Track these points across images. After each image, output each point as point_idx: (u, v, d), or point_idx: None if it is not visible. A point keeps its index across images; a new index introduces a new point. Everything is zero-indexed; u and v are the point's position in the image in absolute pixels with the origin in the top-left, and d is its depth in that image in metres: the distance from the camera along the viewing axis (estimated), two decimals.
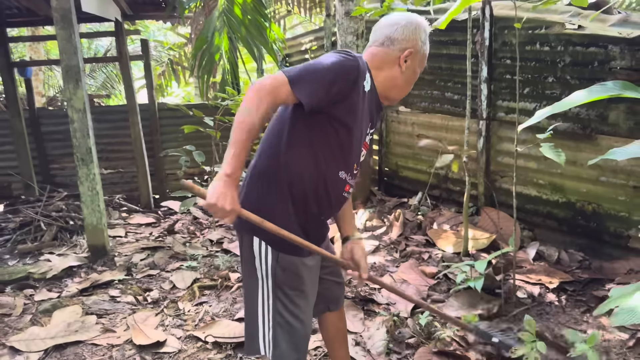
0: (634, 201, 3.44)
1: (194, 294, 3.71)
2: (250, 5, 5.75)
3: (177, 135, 7.05)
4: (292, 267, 1.79)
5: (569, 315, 3.11)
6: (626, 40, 3.18)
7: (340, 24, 4.56)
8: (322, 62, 1.65)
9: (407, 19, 1.84)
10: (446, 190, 4.75)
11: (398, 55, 1.81)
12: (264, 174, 1.79)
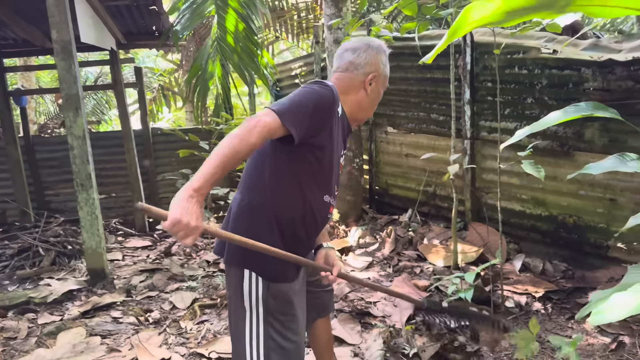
0: (611, 213, 3.66)
1: (195, 313, 3.82)
2: (242, 33, 5.97)
3: (170, 159, 7.21)
4: (282, 295, 1.82)
5: (555, 322, 3.29)
6: (597, 63, 3.43)
7: (330, 51, 4.79)
8: (304, 95, 1.71)
9: (368, 44, 1.95)
10: (435, 206, 4.95)
11: (363, 80, 1.91)
12: (250, 208, 1.81)
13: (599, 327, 3.14)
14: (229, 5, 5.87)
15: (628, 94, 3.32)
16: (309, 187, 1.81)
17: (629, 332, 3.07)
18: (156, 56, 12.86)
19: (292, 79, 6.79)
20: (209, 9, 5.77)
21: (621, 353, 2.86)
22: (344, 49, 1.99)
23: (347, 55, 1.96)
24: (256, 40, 6.15)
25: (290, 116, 1.63)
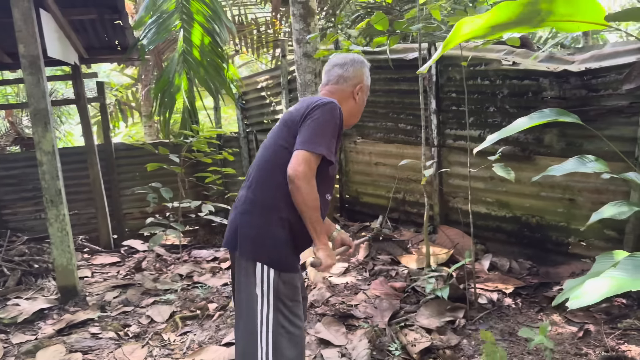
0: (571, 212, 3.94)
1: (176, 325, 3.83)
2: (207, 47, 6.04)
3: (134, 174, 7.14)
4: (291, 280, 2.04)
5: (526, 316, 3.51)
6: (554, 73, 3.72)
7: (299, 64, 4.92)
8: (327, 120, 2.02)
9: (353, 59, 2.25)
10: (404, 212, 5.14)
11: (352, 90, 2.21)
12: (263, 204, 2.04)
13: (566, 318, 3.39)
14: (195, 19, 5.93)
15: (582, 101, 3.62)
16: (318, 185, 2.01)
17: (592, 320, 3.33)
18: (110, 70, 12.65)
19: (257, 92, 6.88)
20: (174, 23, 5.80)
21: (588, 340, 3.10)
22: (332, 65, 2.27)
23: (336, 69, 2.24)
24: (222, 54, 6.23)
25: (327, 151, 1.98)
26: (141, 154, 7.04)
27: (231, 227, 2.12)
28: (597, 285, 1.97)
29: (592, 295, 1.96)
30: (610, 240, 3.74)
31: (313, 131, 1.97)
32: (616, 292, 1.88)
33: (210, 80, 6.13)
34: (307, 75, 4.97)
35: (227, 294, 4.50)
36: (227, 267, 5.45)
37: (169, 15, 5.71)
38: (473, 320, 3.43)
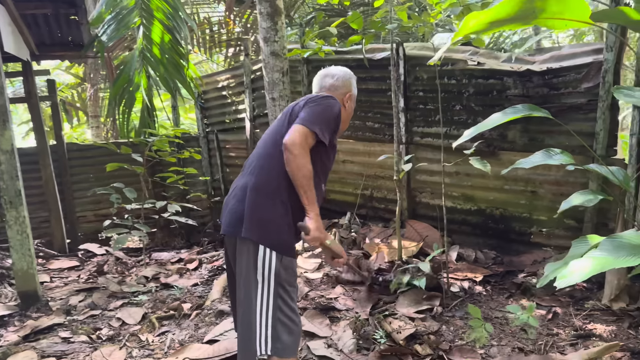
0: (533, 203, 4.19)
1: (153, 325, 3.75)
2: (167, 45, 5.94)
3: (87, 175, 6.88)
4: (291, 265, 2.15)
5: (497, 301, 3.70)
6: (517, 73, 3.96)
7: (267, 62, 4.93)
8: (328, 109, 2.19)
9: (343, 71, 2.47)
10: (372, 208, 5.26)
11: (342, 98, 2.39)
12: (266, 190, 2.13)
13: (535, 302, 3.60)
14: (155, 16, 5.82)
15: (544, 99, 3.87)
16: (317, 177, 2.17)
17: (559, 303, 3.56)
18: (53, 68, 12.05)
19: (218, 91, 6.82)
20: (134, 20, 5.67)
21: (557, 321, 3.31)
22: (323, 75, 2.48)
23: (328, 79, 2.44)
24: (182, 52, 6.14)
25: (325, 133, 2.13)
26: (95, 155, 6.81)
27: (232, 212, 2.18)
28: (581, 265, 2.14)
29: (578, 274, 2.12)
30: (569, 229, 4.02)
31: (312, 113, 2.14)
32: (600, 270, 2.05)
33: (170, 79, 6.03)
34: (275, 74, 4.98)
35: (199, 294, 4.45)
36: (194, 268, 5.38)
37: (129, 12, 5.57)
38: (449, 307, 3.58)
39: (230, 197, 2.26)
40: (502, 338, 3.13)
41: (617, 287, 3.41)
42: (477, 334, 2.92)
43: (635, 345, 2.86)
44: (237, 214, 2.15)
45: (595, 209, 3.78)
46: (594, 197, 2.97)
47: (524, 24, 2.07)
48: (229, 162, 6.95)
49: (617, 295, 3.39)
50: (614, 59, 3.47)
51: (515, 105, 3.10)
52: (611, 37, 3.44)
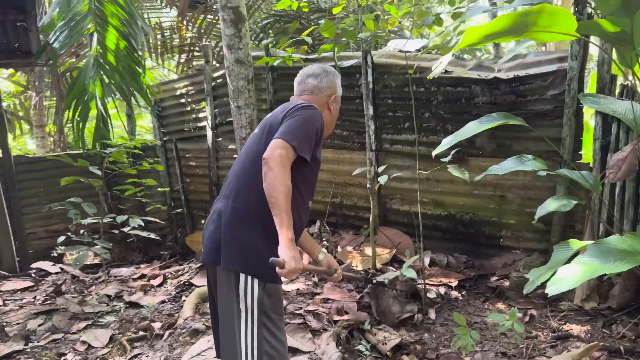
0: (501, 207, 4.29)
1: (124, 348, 3.57)
2: (123, 52, 5.70)
3: (37, 190, 6.50)
4: (275, 292, 2.02)
5: (474, 306, 3.76)
6: (485, 80, 4.04)
7: (231, 70, 4.82)
8: (307, 122, 1.98)
9: (326, 70, 2.27)
10: (342, 216, 5.24)
11: (326, 101, 2.22)
12: (244, 216, 1.98)
13: (510, 305, 3.68)
14: (109, 22, 5.57)
15: (512, 106, 3.97)
16: (299, 195, 2.03)
17: (533, 306, 3.65)
18: None
19: (176, 99, 6.61)
20: (88, 26, 5.40)
21: (534, 323, 3.40)
22: (305, 75, 2.27)
23: (311, 80, 2.24)
24: (138, 59, 5.91)
25: (305, 148, 1.93)
26: (46, 168, 6.45)
27: (211, 240, 2.04)
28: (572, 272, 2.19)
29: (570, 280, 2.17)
30: (538, 232, 4.14)
31: (291, 125, 1.95)
32: (591, 276, 2.11)
33: (126, 87, 5.79)
34: (240, 81, 4.88)
35: (168, 312, 4.29)
36: (158, 285, 5.18)
37: (82, 18, 5.30)
38: (428, 314, 3.60)
39: (209, 221, 2.11)
40: (484, 343, 3.17)
41: (587, 287, 3.53)
42: (462, 341, 2.93)
43: (611, 343, 2.97)
44: (215, 242, 2.00)
45: (563, 212, 3.90)
46: (568, 203, 3.06)
47: (516, 37, 2.10)
48: (190, 172, 6.75)
49: (588, 295, 3.51)
50: (578, 67, 3.60)
51: (491, 114, 3.16)
52: (575, 46, 3.58)
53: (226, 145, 6.13)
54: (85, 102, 5.45)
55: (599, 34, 2.34)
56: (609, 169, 3.10)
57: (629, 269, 3.33)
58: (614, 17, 2.15)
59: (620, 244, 2.23)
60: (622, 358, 2.82)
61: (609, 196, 3.49)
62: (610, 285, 3.51)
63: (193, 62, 10.21)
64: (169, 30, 9.62)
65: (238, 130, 4.92)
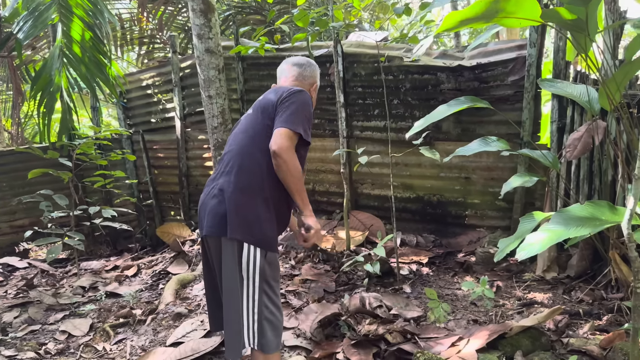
0: (466, 188, 4.54)
1: (107, 334, 3.61)
2: (89, 43, 5.64)
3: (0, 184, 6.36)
4: (275, 261, 2.18)
5: (444, 280, 3.98)
6: (450, 68, 4.26)
7: (202, 60, 4.87)
8: (303, 107, 2.20)
9: (309, 61, 2.51)
10: (314, 202, 5.38)
11: (309, 89, 2.43)
12: (247, 189, 2.14)
13: (478, 277, 3.92)
14: (74, 13, 5.51)
15: (475, 92, 4.20)
16: None
17: (499, 278, 3.91)
18: None
19: (142, 90, 6.57)
20: (52, 16, 5.32)
21: (501, 294, 3.64)
22: (290, 64, 2.49)
23: (296, 68, 2.46)
24: (104, 50, 5.86)
25: (306, 131, 2.18)
26: (8, 162, 6.31)
27: (214, 213, 2.16)
28: (538, 238, 2.41)
29: (537, 245, 2.38)
30: (501, 209, 4.40)
31: (292, 112, 2.14)
32: (556, 241, 2.33)
33: (92, 78, 5.74)
34: (211, 71, 4.94)
35: (147, 300, 4.33)
36: (133, 275, 5.19)
37: (46, 8, 5.22)
38: (403, 289, 3.80)
39: (208, 197, 2.24)
40: (456, 313, 3.39)
41: (548, 259, 3.81)
42: (436, 313, 3.14)
43: (571, 308, 3.24)
44: (218, 214, 2.13)
45: (524, 190, 4.18)
46: (530, 179, 3.31)
47: (486, 22, 2.29)
48: (157, 163, 6.74)
49: (549, 266, 3.79)
50: (536, 54, 3.87)
51: (458, 98, 3.38)
52: (533, 34, 3.83)
53: (196, 136, 6.16)
54: (51, 93, 5.37)
55: (558, 21, 2.56)
56: (565, 148, 3.37)
57: (585, 240, 3.65)
58: (571, 6, 2.37)
59: (580, 211, 2.45)
60: (581, 319, 3.08)
61: (566, 174, 3.77)
62: (569, 257, 3.80)
63: (154, 54, 10.11)
64: (129, 22, 9.49)
65: (210, 120, 4.98)
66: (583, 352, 2.61)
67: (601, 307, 3.18)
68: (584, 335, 2.85)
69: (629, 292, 3.08)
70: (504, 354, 2.67)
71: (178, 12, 9.49)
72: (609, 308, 3.12)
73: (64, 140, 5.27)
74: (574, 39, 2.78)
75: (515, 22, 2.35)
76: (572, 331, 2.94)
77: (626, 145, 3.19)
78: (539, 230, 2.43)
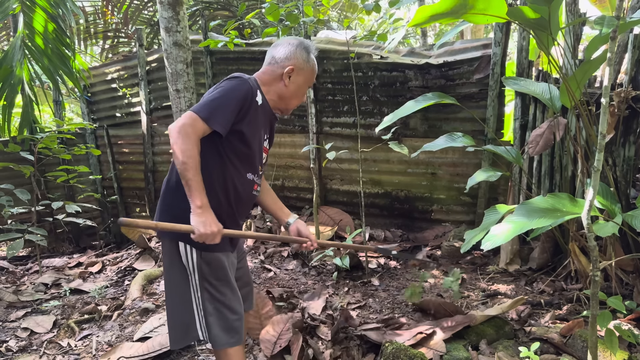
0: (433, 184, 4.63)
1: (72, 330, 3.53)
2: (52, 35, 5.50)
3: None
4: (215, 261, 2.02)
5: (411, 273, 4.06)
6: (417, 66, 4.34)
7: (169, 53, 4.81)
8: (223, 93, 1.92)
9: (289, 41, 2.12)
10: (284, 198, 5.39)
11: (281, 72, 2.06)
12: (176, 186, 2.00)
13: (444, 270, 4.01)
14: (37, 3, 5.35)
15: (442, 89, 4.29)
16: (233, 166, 2.01)
17: (464, 270, 4.01)
18: None
19: (107, 84, 6.43)
20: (13, 5, 5.16)
21: (466, 285, 3.74)
22: (272, 47, 2.17)
23: (271, 50, 2.14)
24: (68, 42, 5.72)
25: (215, 118, 1.87)
26: None
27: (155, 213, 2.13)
28: (503, 229, 2.49)
29: (502, 236, 2.46)
30: (466, 204, 4.52)
31: (206, 99, 1.93)
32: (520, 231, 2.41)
33: (55, 71, 5.60)
34: (179, 64, 4.89)
35: (112, 296, 4.25)
36: (97, 271, 5.09)
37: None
38: (371, 282, 3.85)
39: None
40: None
41: (510, 252, 3.93)
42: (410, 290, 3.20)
43: (533, 298, 3.36)
44: (156, 214, 2.09)
45: (488, 186, 4.30)
46: (494, 174, 3.41)
47: (456, 18, 2.35)
48: (122, 158, 6.62)
49: (512, 259, 3.91)
50: (501, 53, 3.98)
51: (426, 94, 3.45)
52: (498, 33, 3.95)
53: (162, 131, 6.08)
54: (12, 86, 5.21)
55: (523, 19, 2.65)
56: (528, 144, 3.49)
57: (546, 233, 3.77)
58: (535, 5, 2.46)
59: (542, 203, 2.54)
60: (542, 309, 3.20)
61: (528, 169, 3.90)
62: (530, 249, 3.93)
63: (119, 49, 9.90)
64: (93, 15, 9.28)
65: (177, 114, 4.93)
66: (544, 340, 2.72)
67: (561, 297, 3.31)
68: (545, 324, 2.96)
69: (587, 283, 3.22)
70: (469, 343, 2.74)
71: (144, 6, 9.34)
72: (568, 298, 3.25)
73: (25, 133, 5.12)
74: (537, 37, 2.88)
75: (482, 18, 2.42)
76: (534, 320, 3.04)
77: (585, 141, 3.33)
78: (503, 221, 2.51)
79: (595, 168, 1.89)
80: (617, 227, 2.41)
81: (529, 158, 3.86)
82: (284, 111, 2.23)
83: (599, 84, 3.72)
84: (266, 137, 2.20)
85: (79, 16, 5.96)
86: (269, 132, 2.22)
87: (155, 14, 8.94)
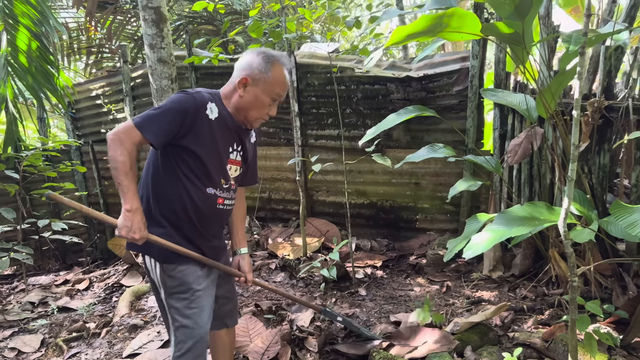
0: (417, 194, 4.72)
1: (60, 349, 3.53)
2: (36, 53, 5.52)
3: None
4: (178, 274, 2.02)
5: (397, 282, 4.12)
6: (398, 79, 4.44)
7: (154, 69, 4.86)
8: (163, 105, 1.93)
9: (252, 51, 2.05)
10: (271, 210, 5.44)
11: (237, 82, 2.00)
12: (149, 200, 2.04)
13: (429, 279, 4.08)
14: (20, 22, 5.37)
15: (423, 101, 4.39)
16: (189, 180, 2.00)
17: (448, 278, 4.08)
18: None
19: (91, 100, 6.45)
20: None
21: (451, 293, 3.81)
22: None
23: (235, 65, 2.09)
24: (52, 60, 5.74)
25: (148, 128, 1.88)
26: None
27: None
28: (483, 238, 2.57)
29: (482, 244, 2.54)
30: (449, 213, 4.60)
31: (147, 112, 1.95)
32: (499, 239, 2.49)
33: (40, 88, 5.61)
34: (164, 80, 4.93)
35: (100, 313, 4.25)
36: (84, 289, 5.08)
37: None
38: (358, 292, 3.91)
39: None
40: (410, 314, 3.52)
41: (493, 259, 4.02)
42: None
43: (516, 304, 3.43)
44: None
45: (470, 195, 4.39)
46: (475, 183, 3.50)
47: (432, 36, 2.44)
48: (108, 174, 6.60)
49: (495, 265, 3.99)
50: (478, 65, 4.09)
51: (407, 107, 3.53)
52: (476, 46, 4.06)
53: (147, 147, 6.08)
54: None
55: (497, 34, 2.75)
56: (507, 153, 3.58)
57: (527, 240, 3.86)
58: (509, 21, 2.55)
59: (521, 212, 2.62)
60: (525, 315, 3.28)
61: (508, 178, 4.00)
62: (513, 256, 4.02)
63: (102, 64, 9.91)
64: (76, 31, 9.29)
65: None
66: (527, 345, 2.78)
67: (543, 302, 3.39)
68: (528, 329, 3.03)
69: (567, 287, 3.31)
70: (454, 350, 2.80)
71: (127, 22, 9.37)
72: (550, 303, 3.33)
73: (9, 152, 5.12)
74: (512, 51, 2.98)
75: (458, 36, 2.52)
76: (517, 326, 3.11)
77: (562, 150, 3.43)
78: (483, 230, 2.59)
79: (570, 178, 1.96)
80: (593, 234, 2.50)
81: (509, 167, 3.96)
82: (247, 123, 2.11)
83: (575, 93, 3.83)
84: (236, 149, 2.13)
85: (62, 32, 5.96)
86: (240, 145, 2.15)
87: (139, 29, 8.98)
